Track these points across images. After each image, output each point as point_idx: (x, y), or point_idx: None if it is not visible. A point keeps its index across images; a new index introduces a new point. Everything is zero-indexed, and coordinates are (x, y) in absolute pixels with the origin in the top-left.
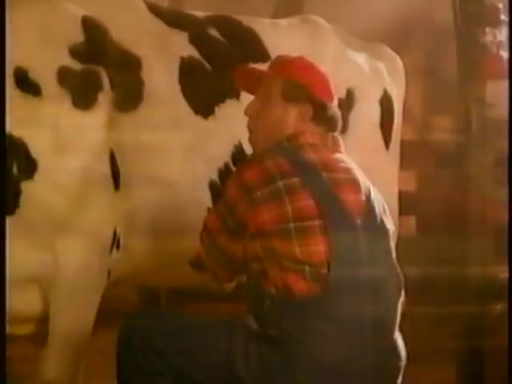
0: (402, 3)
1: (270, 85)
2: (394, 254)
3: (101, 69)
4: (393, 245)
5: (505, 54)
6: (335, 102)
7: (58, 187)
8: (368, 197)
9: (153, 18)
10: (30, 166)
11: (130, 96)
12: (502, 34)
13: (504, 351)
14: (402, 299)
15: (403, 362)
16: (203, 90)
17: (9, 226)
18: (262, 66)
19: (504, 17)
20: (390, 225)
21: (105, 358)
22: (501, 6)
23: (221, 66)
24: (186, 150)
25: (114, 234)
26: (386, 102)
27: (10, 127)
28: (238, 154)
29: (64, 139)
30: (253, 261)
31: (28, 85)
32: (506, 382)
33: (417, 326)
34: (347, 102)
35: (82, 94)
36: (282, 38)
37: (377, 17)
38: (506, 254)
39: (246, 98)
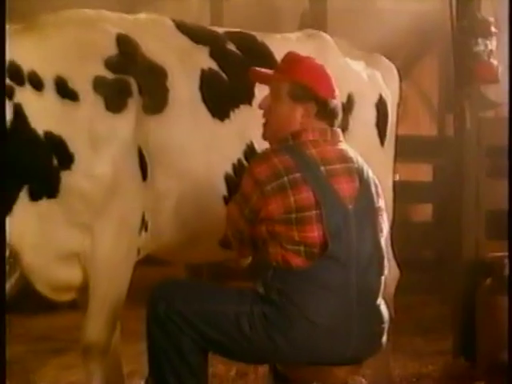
0: (417, 18)
1: (279, 85)
2: (382, 234)
3: (131, 78)
4: (385, 225)
5: (495, 62)
6: (336, 97)
7: (92, 177)
8: (362, 179)
9: (179, 35)
10: (67, 159)
11: (156, 101)
12: (493, 44)
13: (493, 323)
14: (386, 272)
15: (386, 325)
16: (220, 96)
17: (51, 209)
18: None
19: (494, 29)
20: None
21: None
22: (492, 19)
23: (236, 76)
24: (204, 147)
25: (143, 218)
26: (381, 106)
27: (50, 126)
28: (249, 152)
29: (98, 137)
30: (259, 240)
31: (67, 91)
32: (495, 349)
33: (423, 302)
34: (348, 106)
35: (113, 99)
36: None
37: (394, 30)
38: (497, 234)
39: (258, 103)
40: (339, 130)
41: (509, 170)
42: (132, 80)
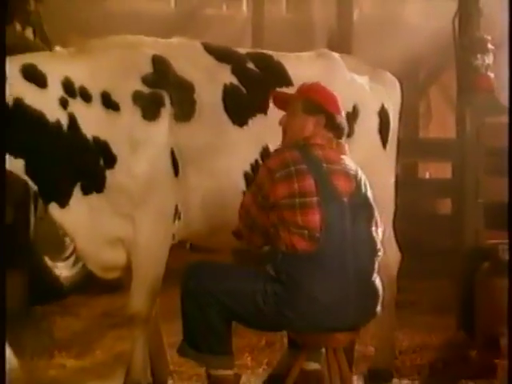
0: (442, 32)
1: (295, 104)
2: (373, 223)
3: (164, 92)
4: (379, 218)
5: (491, 74)
6: (342, 114)
7: (132, 175)
8: (358, 184)
9: (206, 55)
10: (111, 160)
11: (185, 111)
12: (490, 59)
13: (490, 301)
14: (381, 253)
15: (379, 297)
16: (240, 107)
17: (99, 202)
18: (287, 90)
19: (491, 46)
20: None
21: None
22: (489, 37)
23: (254, 89)
24: (226, 149)
25: (176, 208)
26: (383, 114)
27: (97, 132)
28: (265, 153)
29: (136, 141)
30: (271, 227)
31: (110, 103)
32: (491, 324)
33: (434, 285)
34: (353, 115)
35: (149, 109)
36: (302, 68)
37: (423, 43)
38: (495, 225)
39: (272, 113)
40: (346, 145)
41: (509, 168)
42: (165, 93)
